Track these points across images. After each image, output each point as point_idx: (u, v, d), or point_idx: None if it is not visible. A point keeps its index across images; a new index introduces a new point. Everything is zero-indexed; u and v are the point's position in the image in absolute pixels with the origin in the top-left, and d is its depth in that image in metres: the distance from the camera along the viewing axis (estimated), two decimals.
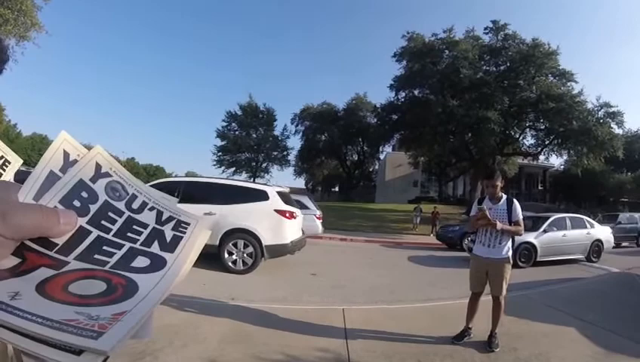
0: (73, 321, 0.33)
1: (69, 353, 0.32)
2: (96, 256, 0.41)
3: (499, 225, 4.17)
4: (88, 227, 0.43)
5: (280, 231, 7.71)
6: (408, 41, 31.37)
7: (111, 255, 0.42)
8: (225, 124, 48.61)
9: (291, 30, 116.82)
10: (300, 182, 58.81)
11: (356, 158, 51.23)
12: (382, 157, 50.55)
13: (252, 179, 42.22)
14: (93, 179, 0.48)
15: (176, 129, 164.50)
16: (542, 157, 32.28)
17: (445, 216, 21.58)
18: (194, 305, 5.11)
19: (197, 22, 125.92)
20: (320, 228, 13.20)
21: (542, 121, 28.69)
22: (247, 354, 3.68)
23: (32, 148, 63.80)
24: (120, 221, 0.46)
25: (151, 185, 8.32)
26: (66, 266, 0.39)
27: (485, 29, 30.33)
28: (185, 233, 0.49)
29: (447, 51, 30.24)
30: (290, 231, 7.96)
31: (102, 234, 0.44)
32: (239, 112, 47.88)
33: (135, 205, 0.49)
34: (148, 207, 0.50)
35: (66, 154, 0.48)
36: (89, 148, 0.50)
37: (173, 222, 0.50)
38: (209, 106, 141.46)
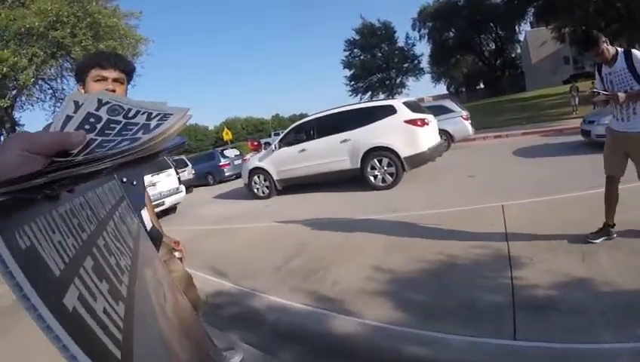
0: None
1: None
2: (97, 150, 0.57)
3: (621, 96, 3.32)
4: (95, 137, 0.61)
5: (415, 140, 7.71)
6: None
7: (107, 146, 0.58)
8: (347, 52, 48.29)
9: None
10: (441, 88, 56.29)
11: (493, 47, 46.65)
12: (521, 38, 45.10)
13: (391, 97, 41.75)
14: (97, 108, 0.67)
15: (309, 73, 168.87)
16: None
17: None
18: (357, 223, 5.53)
19: None
20: (470, 128, 12.66)
21: None
22: (408, 258, 3.88)
23: (189, 138, 72.80)
24: (118, 127, 0.64)
25: (288, 130, 8.87)
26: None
27: None
28: (167, 120, 0.64)
29: None
30: (425, 138, 7.91)
31: (104, 138, 0.61)
32: (357, 37, 46.91)
33: (131, 114, 0.67)
34: (141, 112, 0.67)
35: (75, 103, 0.68)
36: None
37: (160, 115, 0.66)
38: (331, 42, 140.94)
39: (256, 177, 9.52)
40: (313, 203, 7.83)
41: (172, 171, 9.91)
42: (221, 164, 16.17)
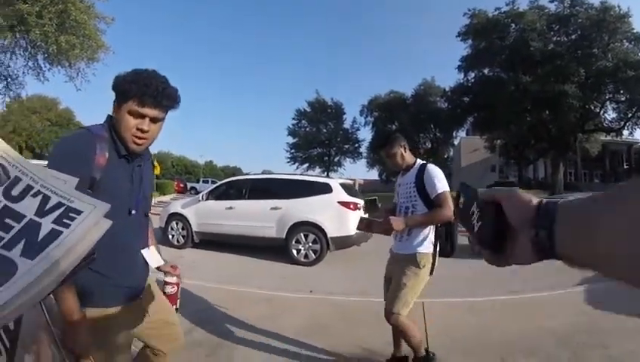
0: None
1: None
2: None
3: (396, 223, 2.79)
4: None
5: (344, 222, 7.70)
6: (471, 19, 30.59)
7: None
8: (295, 121, 49.66)
9: (351, 21, 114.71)
10: (374, 174, 58.38)
11: (429, 146, 49.73)
12: (456, 142, 48.79)
13: (325, 174, 42.74)
14: None
15: (252, 130, 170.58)
16: (625, 132, 29.71)
17: None
18: (273, 298, 5.20)
19: (262, 20, 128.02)
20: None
21: (622, 92, 26.69)
22: (322, 346, 3.64)
23: None
24: None
25: (221, 183, 8.67)
26: None
27: None
28: (69, 226, 0.39)
29: (513, 25, 29.12)
30: (354, 222, 7.83)
31: None
32: (308, 109, 48.55)
33: (16, 191, 0.41)
34: (32, 192, 0.42)
35: None
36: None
37: (60, 210, 0.41)
38: (281, 105, 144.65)
39: (174, 223, 8.98)
40: (229, 265, 7.43)
41: None
42: None
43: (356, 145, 50.07)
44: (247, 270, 7.08)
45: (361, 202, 8.37)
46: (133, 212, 1.73)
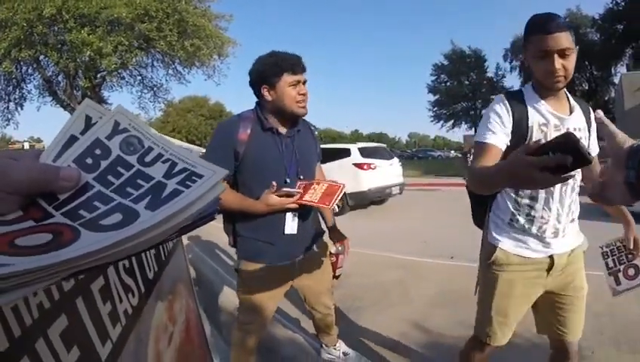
0: None
1: None
2: (80, 212, 0.39)
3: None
4: (93, 183, 0.43)
5: (357, 180, 9.16)
6: None
7: (94, 210, 0.40)
8: (434, 77, 47.19)
9: None
10: None
11: (587, 87, 43.07)
12: (616, 80, 41.34)
13: (472, 129, 40.28)
14: (109, 136, 0.48)
15: (394, 95, 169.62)
16: None
17: None
18: (409, 263, 5.08)
19: None
20: None
21: None
22: (452, 319, 3.29)
23: None
24: (126, 175, 0.45)
25: None
26: (48, 219, 0.38)
27: None
28: (189, 187, 0.42)
29: None
30: (368, 180, 9.42)
31: (102, 189, 0.43)
32: (445, 62, 45.80)
33: (148, 158, 0.47)
34: (162, 159, 0.47)
35: (88, 119, 0.49)
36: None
37: (185, 174, 0.45)
38: (417, 63, 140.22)
39: None
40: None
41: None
42: None
43: None
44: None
45: (376, 162, 9.73)
46: (288, 180, 1.95)
